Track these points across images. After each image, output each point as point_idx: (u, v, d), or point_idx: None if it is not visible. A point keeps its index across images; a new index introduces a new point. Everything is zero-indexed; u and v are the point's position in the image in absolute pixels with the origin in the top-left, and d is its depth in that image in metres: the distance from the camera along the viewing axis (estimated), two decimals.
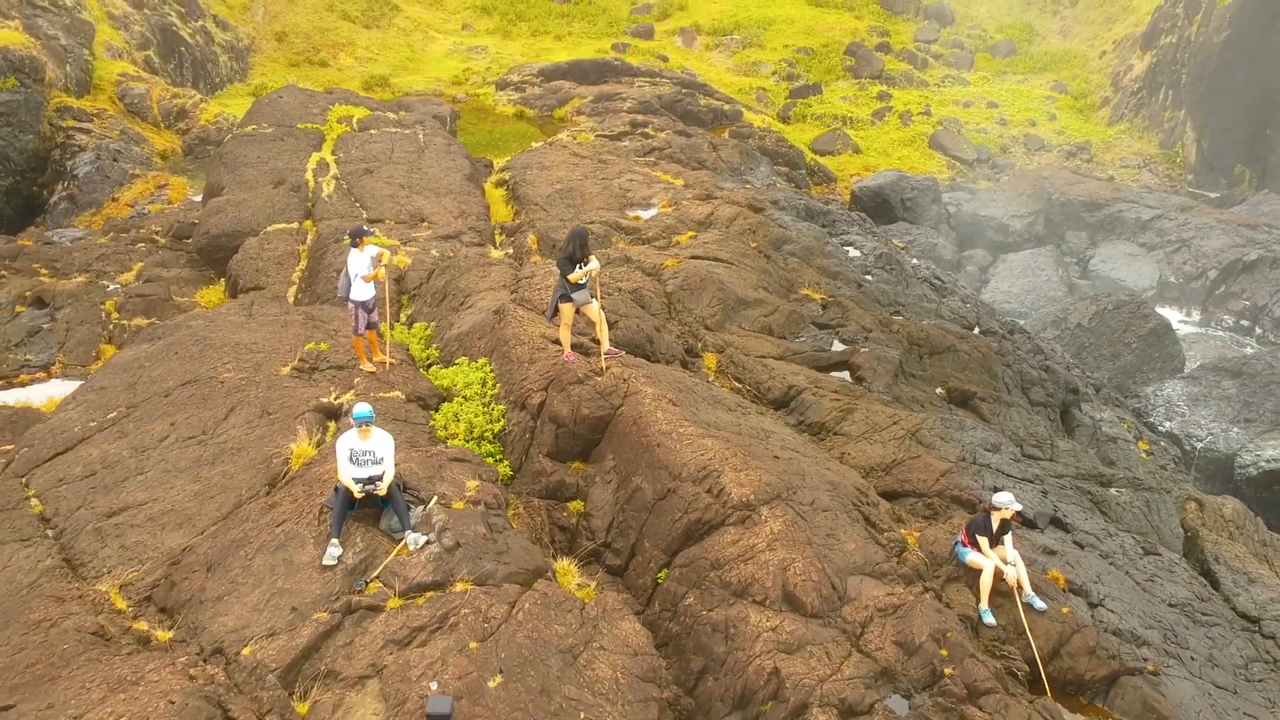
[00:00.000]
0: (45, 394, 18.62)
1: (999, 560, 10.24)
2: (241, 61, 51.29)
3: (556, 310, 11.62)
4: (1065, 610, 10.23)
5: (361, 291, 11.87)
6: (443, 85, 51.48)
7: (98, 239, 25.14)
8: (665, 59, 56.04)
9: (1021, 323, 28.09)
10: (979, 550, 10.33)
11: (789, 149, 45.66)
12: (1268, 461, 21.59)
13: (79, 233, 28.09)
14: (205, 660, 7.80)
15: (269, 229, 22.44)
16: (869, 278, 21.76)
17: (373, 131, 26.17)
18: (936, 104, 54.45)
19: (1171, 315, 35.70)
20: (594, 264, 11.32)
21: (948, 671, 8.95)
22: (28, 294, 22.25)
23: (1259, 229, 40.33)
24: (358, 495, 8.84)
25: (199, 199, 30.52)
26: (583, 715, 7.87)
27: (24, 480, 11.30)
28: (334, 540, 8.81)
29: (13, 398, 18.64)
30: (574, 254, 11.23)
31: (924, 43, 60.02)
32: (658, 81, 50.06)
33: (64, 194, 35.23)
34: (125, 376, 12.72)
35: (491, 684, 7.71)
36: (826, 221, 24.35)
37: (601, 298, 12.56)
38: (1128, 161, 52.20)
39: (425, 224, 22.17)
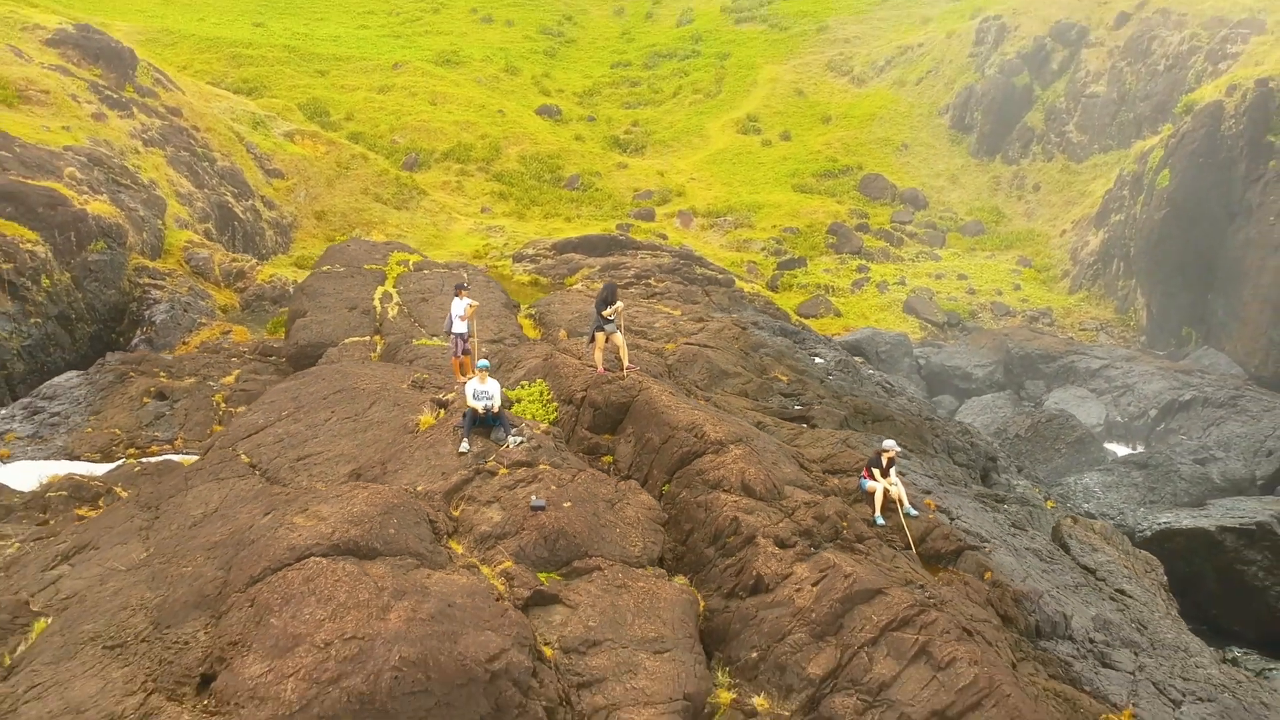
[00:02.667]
0: (177, 458, 24.69)
1: (886, 484, 16.22)
2: (285, 236, 59.45)
3: (593, 337, 17.99)
4: (931, 516, 16.16)
5: (459, 326, 18.34)
6: (464, 258, 59.30)
7: (201, 355, 31.70)
8: (665, 237, 64.36)
9: None
10: (874, 479, 16.33)
11: (776, 310, 52.83)
12: (1160, 524, 27.37)
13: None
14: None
15: (346, 340, 29.01)
16: (830, 377, 28.23)
17: (425, 271, 33.27)
18: (911, 275, 62.35)
19: (1118, 449, 41.82)
20: (620, 304, 17.78)
21: (845, 533, 14.84)
22: (152, 389, 28.61)
23: (1194, 374, 47.06)
24: (480, 412, 15.01)
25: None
26: (618, 530, 13.79)
27: (230, 447, 17.39)
28: (464, 440, 14.93)
29: (153, 460, 24.70)
30: (607, 298, 17.74)
31: (900, 223, 68.69)
32: (658, 254, 57.94)
33: (143, 337, 41.83)
34: (288, 394, 19.00)
35: (565, 505, 13.72)
36: (798, 339, 31.08)
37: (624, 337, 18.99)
38: (1086, 325, 59.51)
39: (472, 336, 28.74)
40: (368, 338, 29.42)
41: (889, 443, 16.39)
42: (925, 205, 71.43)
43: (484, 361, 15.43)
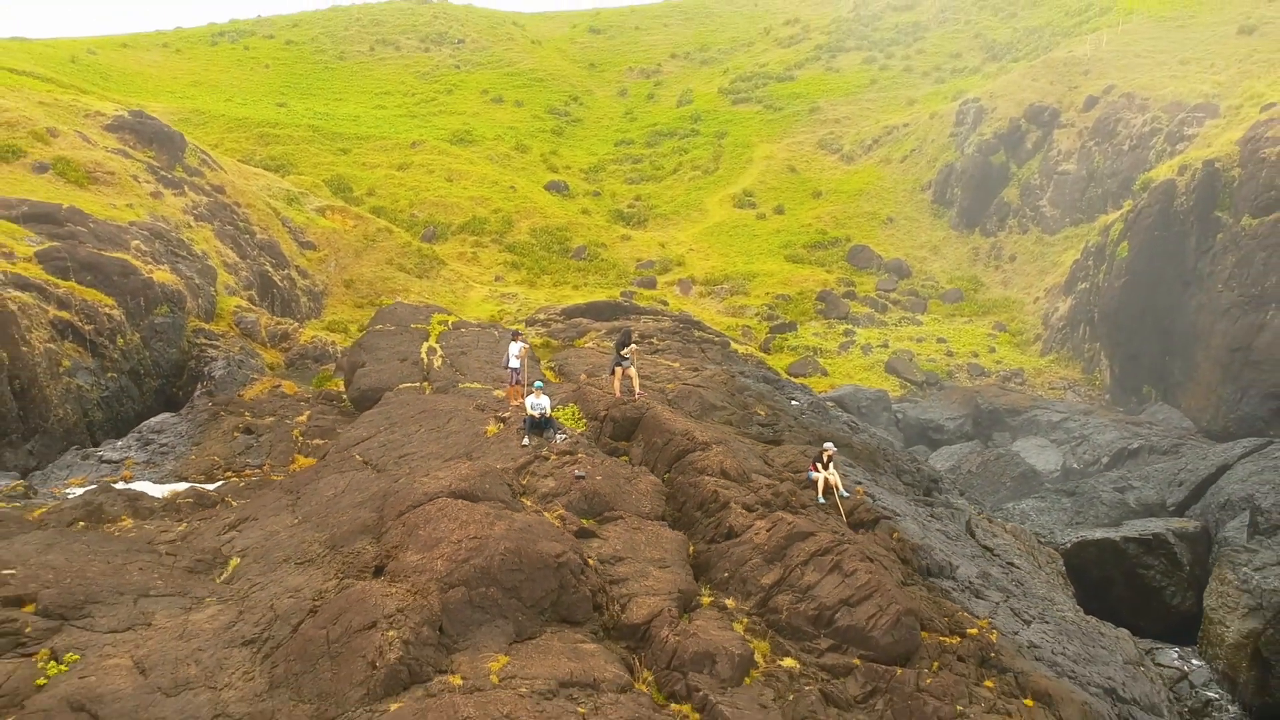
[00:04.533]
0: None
1: (826, 475, 23.11)
2: (317, 302, 66.84)
3: (613, 371, 25.03)
4: (859, 497, 23.04)
5: (514, 363, 25.45)
6: (482, 323, 66.52)
7: (275, 399, 38.71)
8: (665, 303, 71.70)
9: None
10: (817, 470, 23.22)
11: (768, 370, 59.85)
12: (1076, 537, 34.10)
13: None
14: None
15: (400, 386, 35.94)
16: (803, 415, 35.18)
17: (462, 330, 40.43)
18: (894, 339, 69.59)
19: None
20: (634, 346, 24.86)
21: (793, 503, 21.72)
22: (240, 425, 35.55)
23: (1143, 426, 53.91)
24: (536, 417, 22.01)
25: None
26: (634, 496, 20.71)
27: (345, 451, 24.33)
28: (526, 437, 21.94)
29: (251, 480, 31.53)
30: (624, 340, 24.84)
31: (884, 291, 76.15)
32: (660, 319, 65.14)
33: (204, 390, 48.68)
34: (381, 415, 25.99)
35: (598, 478, 20.68)
36: (778, 386, 38.13)
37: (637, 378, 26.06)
38: (1055, 384, 66.46)
39: (503, 383, 35.73)
40: (418, 384, 36.35)
41: (828, 444, 23.35)
42: (909, 274, 78.95)
43: (539, 382, 22.49)
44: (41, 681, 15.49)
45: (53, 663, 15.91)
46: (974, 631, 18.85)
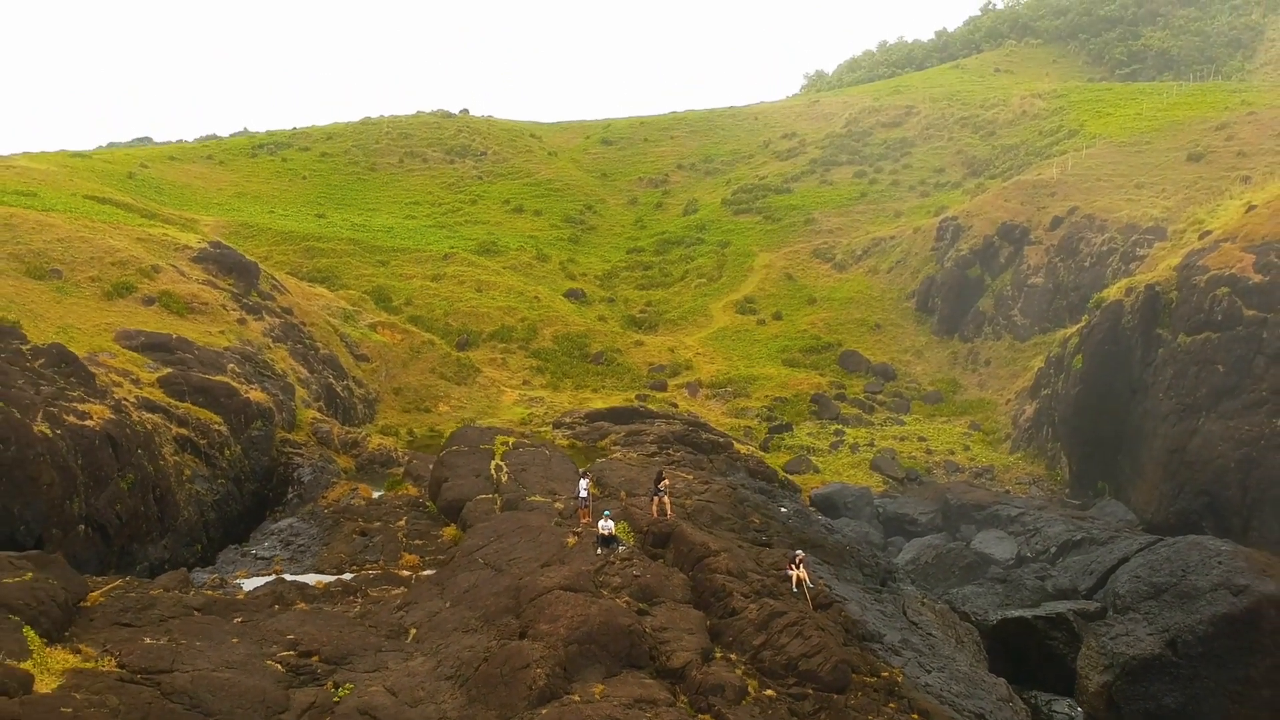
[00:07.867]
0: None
1: (798, 572, 35.97)
2: (370, 409, 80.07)
3: (652, 499, 38.10)
4: (820, 588, 35.94)
5: (583, 493, 38.59)
6: (514, 425, 79.57)
7: (377, 506, 51.69)
8: (675, 405, 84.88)
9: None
10: (792, 569, 36.10)
11: (766, 468, 72.74)
12: (1001, 615, 46.79)
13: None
14: None
15: (477, 498, 48.89)
16: (790, 520, 48.12)
17: (520, 449, 53.53)
18: (879, 438, 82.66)
19: None
20: (667, 481, 37.96)
21: (775, 592, 34.61)
22: (357, 529, 48.40)
23: (1087, 520, 66.57)
24: (605, 535, 35.03)
25: (379, 493, 57.32)
26: (670, 587, 33.69)
27: (469, 556, 37.27)
28: (598, 549, 35.02)
29: (373, 573, 44.34)
30: (658, 478, 37.96)
31: (871, 393, 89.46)
32: (671, 422, 78.17)
33: (294, 493, 61.43)
34: (489, 528, 38.99)
35: (647, 576, 33.77)
36: (770, 495, 51.16)
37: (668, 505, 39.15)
38: (1021, 480, 79.31)
39: (557, 494, 48.64)
40: (490, 495, 49.25)
41: (799, 550, 36.30)
42: (894, 377, 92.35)
43: (608, 511, 35.56)
44: (336, 700, 28.30)
45: (339, 689, 28.73)
46: (886, 674, 31.67)
